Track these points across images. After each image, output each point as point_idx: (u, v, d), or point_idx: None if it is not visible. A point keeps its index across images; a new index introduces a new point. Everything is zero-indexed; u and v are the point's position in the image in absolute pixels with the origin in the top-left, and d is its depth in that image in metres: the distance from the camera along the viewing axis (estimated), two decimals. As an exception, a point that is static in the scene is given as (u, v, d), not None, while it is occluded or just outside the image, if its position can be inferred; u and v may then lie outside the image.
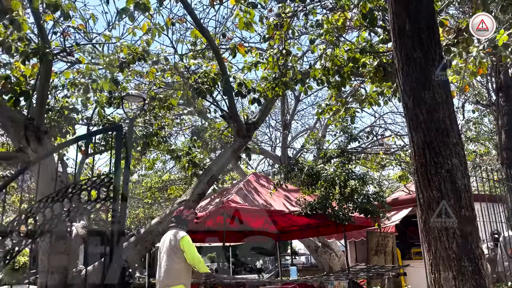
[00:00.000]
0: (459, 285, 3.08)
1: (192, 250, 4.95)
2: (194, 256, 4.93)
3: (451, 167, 3.28)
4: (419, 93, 3.42)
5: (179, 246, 4.97)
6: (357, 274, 6.18)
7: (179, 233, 5.15)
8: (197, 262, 4.95)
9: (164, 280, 5.08)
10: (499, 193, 7.26)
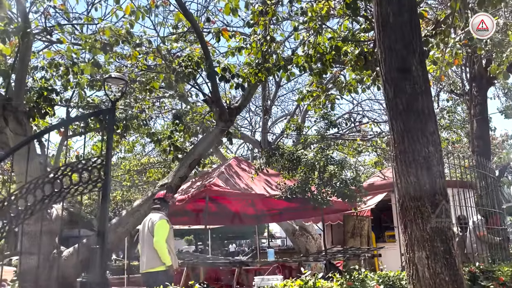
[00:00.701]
0: (431, 264, 3.31)
1: (160, 236, 5.06)
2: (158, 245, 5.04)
3: (428, 154, 3.48)
4: (400, 83, 3.58)
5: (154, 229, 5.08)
6: (334, 255, 6.44)
7: (158, 216, 5.29)
8: (159, 248, 5.06)
9: (146, 262, 5.20)
10: (470, 179, 7.61)
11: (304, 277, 3.75)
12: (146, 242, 5.24)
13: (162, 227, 5.16)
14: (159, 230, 5.12)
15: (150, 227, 5.22)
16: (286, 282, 3.75)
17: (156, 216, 5.33)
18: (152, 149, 16.84)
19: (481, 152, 10.59)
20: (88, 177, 3.16)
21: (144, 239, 5.28)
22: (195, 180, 10.37)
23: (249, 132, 18.14)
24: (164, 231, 5.16)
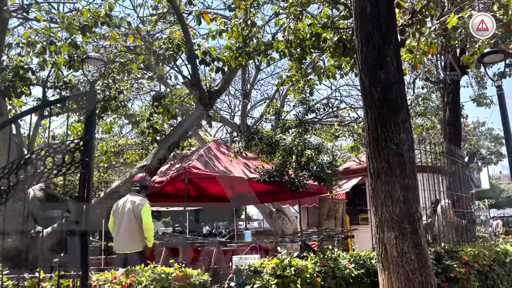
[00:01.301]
0: (399, 244, 3.53)
1: (149, 221, 5.25)
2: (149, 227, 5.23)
3: (399, 141, 3.66)
4: (375, 73, 3.74)
5: (140, 213, 5.17)
6: (309, 236, 6.68)
7: (141, 200, 5.39)
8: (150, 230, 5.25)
9: (126, 243, 5.27)
10: (441, 165, 7.94)
11: (280, 256, 3.93)
12: (126, 223, 5.30)
13: (148, 210, 5.34)
14: (146, 213, 5.28)
15: (133, 209, 5.28)
16: (263, 261, 3.93)
17: (138, 198, 5.41)
18: (130, 131, 16.70)
19: (452, 139, 10.95)
20: (71, 158, 3.21)
21: (124, 220, 5.33)
22: (174, 162, 10.43)
23: (229, 116, 18.18)
24: (150, 213, 5.31)
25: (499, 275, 5.50)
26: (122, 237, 5.36)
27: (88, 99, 3.49)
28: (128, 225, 5.29)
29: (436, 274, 4.79)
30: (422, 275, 3.53)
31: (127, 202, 5.47)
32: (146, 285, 3.43)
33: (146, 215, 5.23)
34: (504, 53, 6.46)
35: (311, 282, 3.76)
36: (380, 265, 3.67)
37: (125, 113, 10.80)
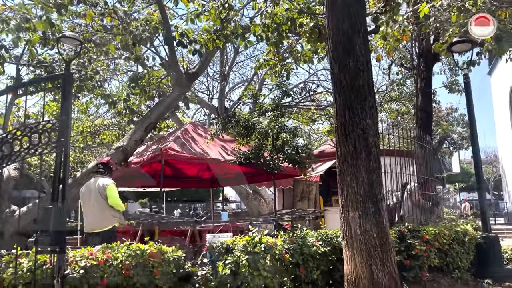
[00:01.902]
0: (362, 222, 3.77)
1: (114, 196, 5.43)
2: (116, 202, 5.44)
3: (365, 126, 3.87)
4: (344, 60, 3.91)
5: (106, 192, 5.41)
6: (282, 216, 6.91)
7: (106, 180, 5.59)
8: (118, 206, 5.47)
9: (96, 223, 5.43)
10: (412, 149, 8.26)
11: (251, 234, 4.13)
12: (95, 203, 5.45)
13: (114, 189, 5.52)
14: (112, 191, 5.45)
15: (100, 189, 5.44)
16: (235, 239, 4.12)
17: (104, 179, 5.61)
18: (107, 111, 16.55)
19: (424, 124, 11.31)
20: (48, 138, 3.29)
21: (92, 201, 5.48)
22: (150, 143, 10.46)
23: (207, 98, 18.18)
24: (116, 192, 5.52)
25: (458, 253, 5.86)
26: (91, 217, 5.52)
27: (65, 80, 3.54)
28: (97, 204, 5.45)
29: (399, 251, 5.10)
30: (383, 252, 3.78)
31: (92, 184, 5.62)
32: (122, 261, 3.57)
33: (111, 192, 5.41)
34: (472, 43, 6.72)
35: (280, 259, 3.98)
36: (344, 242, 3.91)
37: (101, 93, 10.72)
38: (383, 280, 3.70)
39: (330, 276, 4.45)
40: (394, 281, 3.76)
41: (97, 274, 3.51)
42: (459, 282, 5.49)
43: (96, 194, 5.46)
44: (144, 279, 3.59)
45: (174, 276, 3.75)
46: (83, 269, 3.49)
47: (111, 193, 5.42)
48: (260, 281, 3.83)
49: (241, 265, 3.78)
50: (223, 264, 3.84)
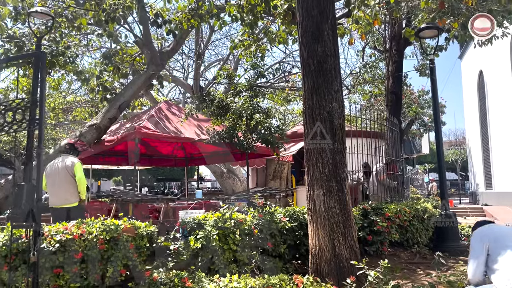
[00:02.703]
0: (326, 200, 4.02)
1: (81, 176, 5.75)
2: (82, 181, 5.72)
3: (331, 109, 4.07)
4: (313, 45, 4.07)
5: (74, 170, 5.70)
6: (254, 194, 7.13)
7: (73, 159, 5.87)
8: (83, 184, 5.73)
9: (64, 198, 5.61)
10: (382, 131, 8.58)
11: (222, 210, 4.32)
12: (61, 180, 5.66)
13: (80, 167, 5.82)
14: (79, 169, 5.75)
15: (68, 167, 5.70)
16: (207, 214, 4.31)
17: (69, 158, 5.86)
18: (79, 88, 16.28)
19: (393, 106, 11.66)
20: (22, 116, 3.35)
21: (57, 178, 5.66)
22: (124, 121, 10.45)
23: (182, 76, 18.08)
24: (82, 170, 5.82)
25: (417, 229, 6.25)
26: (58, 194, 5.70)
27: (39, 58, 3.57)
28: (64, 182, 5.67)
29: (363, 227, 5.42)
30: (345, 227, 4.05)
31: (60, 162, 5.80)
32: (97, 235, 3.71)
33: (78, 171, 5.70)
34: (438, 29, 6.98)
35: (249, 233, 4.20)
36: (309, 218, 4.15)
37: (74, 69, 10.56)
38: (344, 253, 3.98)
39: (296, 250, 4.72)
40: (355, 254, 4.04)
41: (72, 248, 3.65)
42: (418, 256, 5.87)
43: (64, 172, 5.71)
44: (118, 253, 3.75)
45: (147, 250, 3.93)
46: (58, 243, 3.62)
47: (78, 171, 5.73)
48: (229, 255, 4.05)
49: (212, 239, 3.98)
50: (194, 239, 4.03)
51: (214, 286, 3.42)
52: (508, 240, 3.02)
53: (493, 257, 2.94)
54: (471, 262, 3.09)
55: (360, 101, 21.62)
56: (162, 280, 3.50)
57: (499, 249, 2.94)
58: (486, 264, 2.99)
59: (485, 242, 3.04)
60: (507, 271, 2.77)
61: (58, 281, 3.61)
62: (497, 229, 3.23)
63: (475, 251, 3.08)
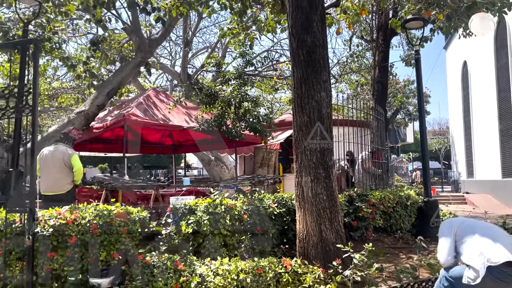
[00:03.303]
0: (314, 186, 4.15)
1: (80, 168, 5.88)
2: (79, 172, 5.87)
3: (320, 99, 4.19)
4: (302, 36, 4.16)
5: (70, 162, 5.79)
6: (242, 182, 7.26)
7: (69, 149, 5.93)
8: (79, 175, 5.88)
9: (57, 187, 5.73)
10: (367, 120, 8.74)
11: (213, 196, 4.43)
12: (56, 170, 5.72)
13: (77, 157, 5.92)
14: (76, 160, 5.84)
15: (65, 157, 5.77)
16: (198, 200, 4.41)
17: (64, 148, 5.91)
18: (65, 74, 16.09)
19: (379, 96, 11.83)
20: (17, 103, 3.38)
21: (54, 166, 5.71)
22: (112, 109, 10.42)
23: (169, 63, 17.98)
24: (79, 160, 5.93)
25: (401, 216, 6.46)
26: (52, 182, 5.75)
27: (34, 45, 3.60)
28: (59, 172, 5.74)
29: (348, 213, 5.59)
30: (331, 213, 4.20)
31: (55, 151, 5.87)
32: (90, 220, 3.79)
33: (76, 162, 5.81)
34: (423, 20, 7.12)
35: (239, 219, 4.32)
36: (297, 204, 4.29)
37: (60, 55, 10.46)
38: (330, 237, 4.13)
39: (284, 235, 4.87)
40: (340, 238, 4.20)
41: (65, 232, 3.72)
42: (401, 241, 6.08)
43: (60, 162, 5.76)
44: (111, 237, 3.83)
45: (139, 235, 4.02)
46: (52, 227, 3.69)
47: (76, 162, 5.82)
48: (220, 239, 4.18)
49: (203, 224, 4.09)
50: (186, 224, 4.14)
51: (205, 269, 3.55)
52: (474, 225, 3.21)
53: (461, 239, 3.10)
54: (441, 246, 3.25)
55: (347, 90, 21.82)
56: (155, 263, 3.61)
57: (467, 231, 3.12)
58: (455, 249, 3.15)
59: (454, 226, 3.22)
60: (476, 249, 2.93)
61: (52, 265, 3.69)
62: (464, 218, 3.46)
63: (445, 234, 3.25)
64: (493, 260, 2.77)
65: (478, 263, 2.82)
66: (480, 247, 2.92)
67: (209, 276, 3.46)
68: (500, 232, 3.13)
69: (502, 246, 2.87)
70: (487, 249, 2.87)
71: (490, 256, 2.81)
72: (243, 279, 3.36)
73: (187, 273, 3.51)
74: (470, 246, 2.99)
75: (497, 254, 2.80)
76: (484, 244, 2.93)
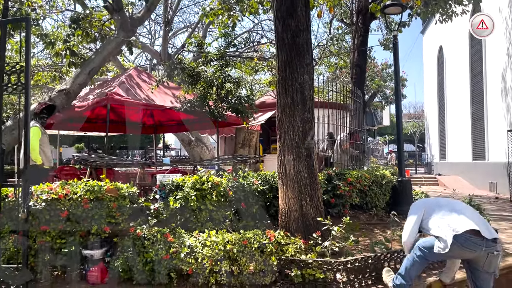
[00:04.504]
0: (296, 164, 4.39)
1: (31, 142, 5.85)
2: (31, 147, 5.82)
3: (303, 81, 4.39)
4: (287, 20, 4.33)
5: None
6: (225, 161, 7.45)
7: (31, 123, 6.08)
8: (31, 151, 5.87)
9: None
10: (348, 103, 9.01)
11: (199, 173, 4.62)
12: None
13: (33, 132, 5.98)
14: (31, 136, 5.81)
15: None
16: (185, 177, 4.60)
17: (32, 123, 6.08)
18: (42, 51, 15.75)
19: (357, 79, 12.11)
20: (8, 80, 3.45)
21: None
22: (93, 87, 10.37)
23: (149, 41, 17.79)
24: (34, 135, 6.00)
25: (376, 194, 6.79)
26: None
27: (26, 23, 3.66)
28: None
29: (327, 191, 5.88)
30: (311, 189, 4.45)
31: None
32: (81, 195, 3.93)
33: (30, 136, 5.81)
34: (402, 6, 7.36)
35: (224, 195, 4.53)
36: (280, 181, 4.53)
37: (38, 32, 10.29)
38: (310, 212, 4.39)
39: (267, 211, 5.12)
40: (319, 213, 4.47)
41: (57, 207, 3.86)
42: (376, 217, 6.43)
43: None
44: (102, 211, 3.99)
45: (129, 209, 4.19)
46: (44, 202, 3.82)
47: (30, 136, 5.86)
48: (206, 214, 4.38)
49: (190, 200, 4.28)
50: (173, 199, 4.32)
51: (194, 240, 3.76)
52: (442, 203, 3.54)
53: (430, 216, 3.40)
54: (407, 226, 3.55)
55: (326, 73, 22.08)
56: (145, 236, 3.80)
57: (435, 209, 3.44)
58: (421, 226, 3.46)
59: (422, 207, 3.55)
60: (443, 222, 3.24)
61: (45, 238, 3.83)
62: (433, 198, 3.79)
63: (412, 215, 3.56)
64: (458, 229, 3.08)
65: (446, 234, 3.12)
66: (447, 220, 3.23)
67: (198, 247, 3.68)
68: (465, 207, 3.45)
69: (467, 218, 3.19)
70: (453, 221, 3.18)
71: (456, 226, 3.12)
72: (230, 249, 3.59)
73: (177, 244, 3.72)
74: (438, 221, 3.30)
75: (462, 224, 3.12)
76: (450, 217, 3.24)
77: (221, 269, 3.57)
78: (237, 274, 3.56)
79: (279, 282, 3.58)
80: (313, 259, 3.59)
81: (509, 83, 14.90)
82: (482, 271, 3.20)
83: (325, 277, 3.52)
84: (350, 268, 3.63)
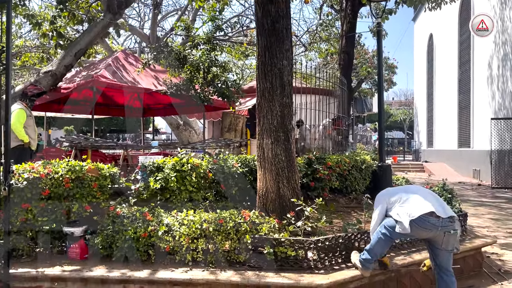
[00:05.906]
0: (274, 148, 4.51)
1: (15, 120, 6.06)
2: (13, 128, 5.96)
3: (282, 66, 4.48)
4: (267, 6, 4.40)
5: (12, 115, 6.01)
6: (209, 144, 7.56)
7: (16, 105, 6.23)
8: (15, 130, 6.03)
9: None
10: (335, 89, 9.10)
11: (180, 155, 4.73)
12: None
13: (18, 114, 6.14)
14: (15, 116, 6.08)
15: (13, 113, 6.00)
16: (165, 159, 4.71)
17: (14, 106, 6.19)
18: (29, 31, 15.59)
19: (345, 65, 12.20)
20: None
21: None
22: (80, 69, 10.35)
23: (138, 24, 17.66)
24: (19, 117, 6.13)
25: (356, 178, 6.96)
26: None
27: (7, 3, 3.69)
28: None
29: (307, 175, 6.03)
30: (289, 172, 4.59)
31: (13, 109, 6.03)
32: (62, 175, 4.03)
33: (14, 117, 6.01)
34: (387, -6, 7.43)
35: (204, 176, 4.66)
36: (258, 163, 4.66)
37: (25, 12, 10.18)
38: (287, 194, 4.54)
39: (246, 193, 5.26)
40: (296, 195, 4.62)
41: (39, 185, 3.96)
42: (354, 201, 6.61)
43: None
44: (83, 190, 4.10)
45: (110, 189, 4.30)
46: (26, 180, 3.91)
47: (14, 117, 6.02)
48: (186, 195, 4.51)
49: (170, 181, 4.41)
50: (154, 180, 4.44)
51: (172, 219, 3.89)
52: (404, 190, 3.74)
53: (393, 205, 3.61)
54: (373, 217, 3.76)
55: (316, 59, 22.13)
56: (125, 214, 3.92)
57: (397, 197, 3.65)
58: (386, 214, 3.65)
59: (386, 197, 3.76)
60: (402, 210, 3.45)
61: (27, 215, 3.94)
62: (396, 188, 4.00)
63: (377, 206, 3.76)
64: (414, 214, 3.35)
65: (404, 219, 3.37)
66: (405, 208, 3.48)
67: (175, 225, 3.81)
68: (423, 191, 3.68)
69: (423, 201, 3.42)
70: (410, 207, 3.44)
71: (411, 211, 3.39)
72: (206, 228, 3.73)
73: (155, 223, 3.85)
74: (397, 209, 3.53)
75: (417, 209, 3.38)
76: (408, 204, 3.50)
77: (198, 247, 3.71)
78: (213, 251, 3.71)
79: (253, 260, 3.74)
80: (285, 238, 3.75)
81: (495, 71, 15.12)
82: (441, 249, 3.41)
83: (296, 255, 3.68)
84: (321, 247, 3.80)
